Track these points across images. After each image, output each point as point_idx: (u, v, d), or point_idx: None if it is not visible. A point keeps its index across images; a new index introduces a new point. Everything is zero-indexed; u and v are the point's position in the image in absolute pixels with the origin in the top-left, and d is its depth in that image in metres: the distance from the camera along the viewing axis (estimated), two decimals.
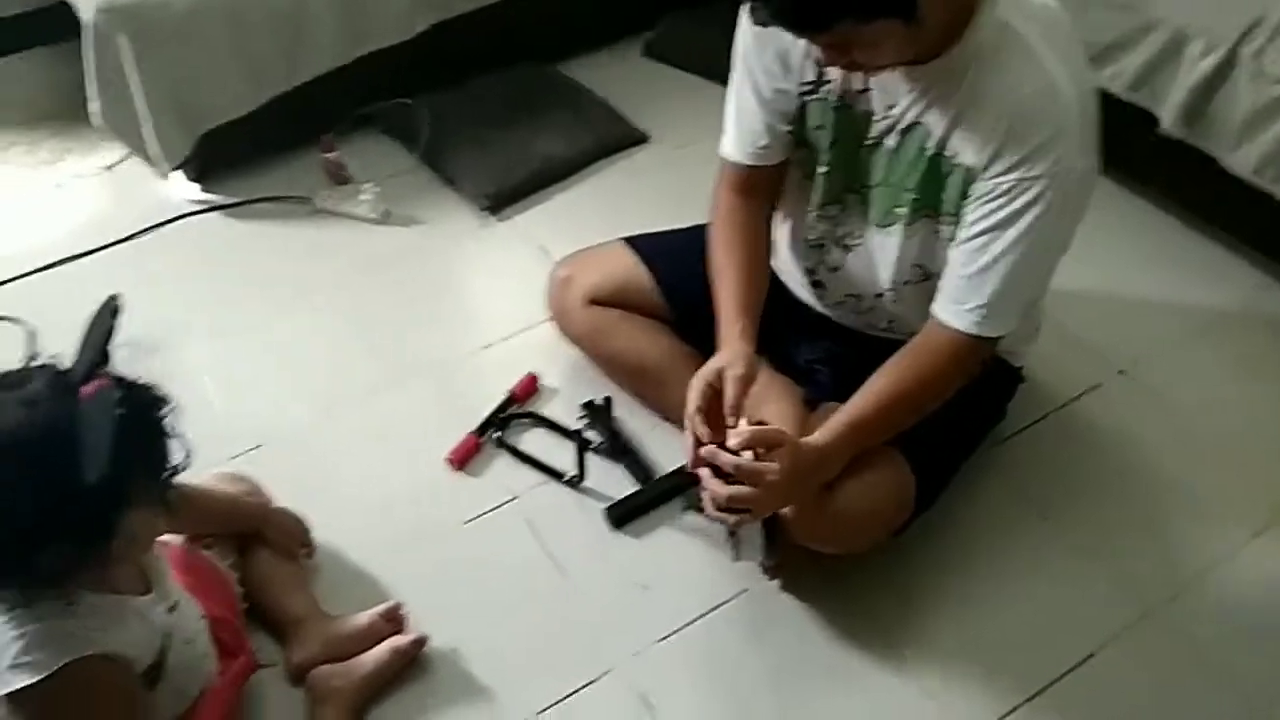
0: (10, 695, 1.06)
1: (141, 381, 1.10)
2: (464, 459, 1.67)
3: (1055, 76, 1.21)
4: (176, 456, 1.11)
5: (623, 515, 1.60)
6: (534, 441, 1.71)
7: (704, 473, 1.33)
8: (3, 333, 1.88)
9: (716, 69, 1.44)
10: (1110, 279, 1.98)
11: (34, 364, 1.08)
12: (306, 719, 1.36)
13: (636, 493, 1.62)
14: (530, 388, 1.78)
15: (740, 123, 1.46)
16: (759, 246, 1.52)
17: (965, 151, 1.28)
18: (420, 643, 1.43)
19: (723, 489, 1.30)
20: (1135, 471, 1.71)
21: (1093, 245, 1.32)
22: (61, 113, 2.32)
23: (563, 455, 1.68)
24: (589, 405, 1.74)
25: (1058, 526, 1.62)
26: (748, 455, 1.29)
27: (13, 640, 1.06)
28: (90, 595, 1.11)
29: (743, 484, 1.28)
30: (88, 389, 1.04)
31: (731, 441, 1.30)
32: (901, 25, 1.13)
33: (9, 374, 1.06)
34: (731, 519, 1.34)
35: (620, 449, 1.69)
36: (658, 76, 2.52)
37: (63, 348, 1.84)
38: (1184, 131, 1.93)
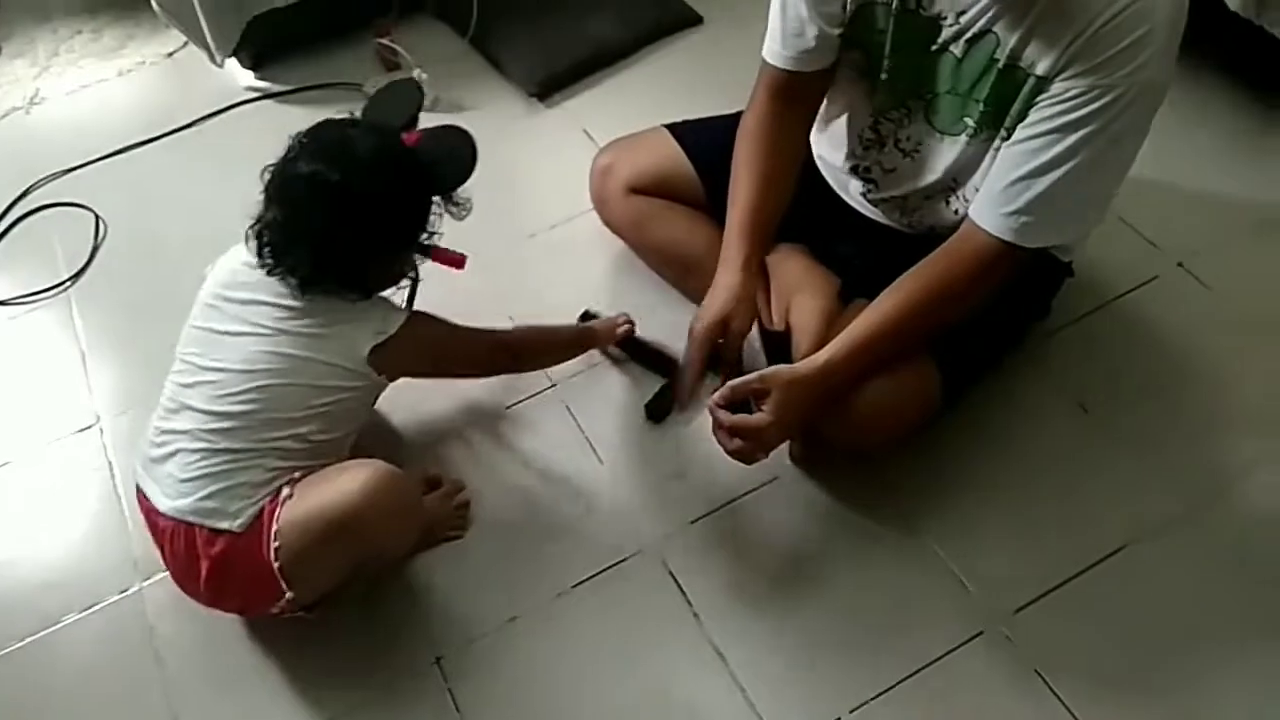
0: (379, 346, 1.34)
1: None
2: None
3: None
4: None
5: (661, 410, 1.62)
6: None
7: (710, 422, 1.38)
8: (72, 218, 1.96)
9: None
10: (1174, 167, 1.89)
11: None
12: None
13: (667, 385, 1.64)
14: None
15: (784, 24, 1.39)
16: (786, 161, 1.47)
17: (1041, 61, 1.21)
18: (463, 495, 1.53)
19: (728, 442, 1.36)
20: (1188, 369, 1.66)
21: (1157, 131, 1.25)
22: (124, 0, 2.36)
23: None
24: (585, 315, 1.72)
25: (1100, 420, 1.59)
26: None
27: (369, 314, 1.35)
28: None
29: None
30: (410, 137, 1.34)
31: (714, 398, 1.35)
32: None
33: (338, 121, 1.34)
34: (745, 464, 1.39)
35: (641, 348, 1.69)
36: None
37: (129, 232, 1.94)
38: (1254, 12, 1.80)
